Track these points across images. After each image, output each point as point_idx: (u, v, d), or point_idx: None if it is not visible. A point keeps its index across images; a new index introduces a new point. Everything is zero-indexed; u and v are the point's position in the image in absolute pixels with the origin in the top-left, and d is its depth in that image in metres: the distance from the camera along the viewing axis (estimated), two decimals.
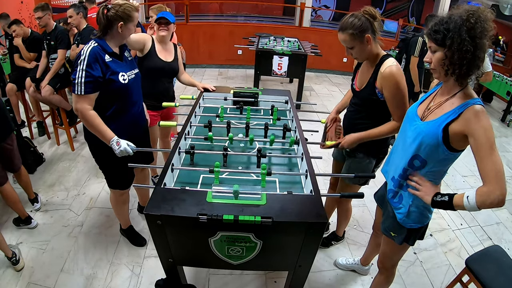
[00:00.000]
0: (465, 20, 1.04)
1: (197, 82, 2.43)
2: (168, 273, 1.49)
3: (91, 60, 1.52)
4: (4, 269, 1.98)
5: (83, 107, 1.56)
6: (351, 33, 1.49)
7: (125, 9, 1.58)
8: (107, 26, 1.59)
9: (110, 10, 1.56)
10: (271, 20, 8.67)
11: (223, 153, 1.64)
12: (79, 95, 1.53)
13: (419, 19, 9.83)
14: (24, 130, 3.56)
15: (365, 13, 1.49)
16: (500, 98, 5.55)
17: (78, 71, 1.51)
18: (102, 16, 1.57)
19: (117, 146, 1.60)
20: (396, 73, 1.48)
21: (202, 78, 5.86)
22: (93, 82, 1.54)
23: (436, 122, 1.16)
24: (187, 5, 5.97)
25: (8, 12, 3.53)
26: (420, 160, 1.23)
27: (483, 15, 1.05)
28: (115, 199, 2.04)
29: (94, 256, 2.13)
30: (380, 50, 1.58)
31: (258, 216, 1.18)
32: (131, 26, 1.64)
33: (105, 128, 1.61)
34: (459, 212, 2.82)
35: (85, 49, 1.54)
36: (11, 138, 2.11)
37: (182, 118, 2.20)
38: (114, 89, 1.64)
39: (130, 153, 1.64)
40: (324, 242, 2.31)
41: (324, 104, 4.92)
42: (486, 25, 1.05)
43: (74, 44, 3.20)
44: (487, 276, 1.60)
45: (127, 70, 1.70)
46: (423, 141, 1.19)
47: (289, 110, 2.34)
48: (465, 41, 1.04)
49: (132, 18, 1.62)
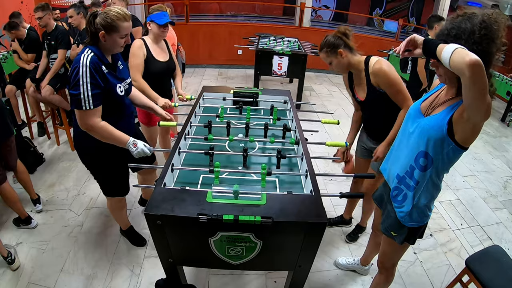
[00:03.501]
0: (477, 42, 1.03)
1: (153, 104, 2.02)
2: (168, 273, 1.49)
3: (93, 71, 1.43)
4: (4, 269, 1.98)
5: (94, 122, 1.47)
6: (326, 50, 1.74)
7: (110, 18, 1.44)
8: (94, 34, 1.48)
9: (96, 17, 1.46)
10: (271, 20, 8.67)
11: (242, 154, 1.62)
12: (87, 110, 1.44)
13: (419, 19, 9.83)
14: (24, 130, 3.55)
15: (338, 32, 1.74)
16: (500, 98, 5.54)
17: (82, 85, 1.41)
18: (90, 23, 1.46)
19: (134, 147, 1.56)
20: (382, 65, 1.64)
21: (202, 78, 5.86)
22: (100, 94, 1.47)
23: (441, 115, 1.15)
24: (187, 5, 5.97)
25: (8, 12, 3.53)
26: (425, 157, 1.22)
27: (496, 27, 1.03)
28: (113, 206, 2.03)
29: (94, 256, 2.13)
30: (360, 57, 1.76)
31: (258, 216, 1.18)
32: (116, 37, 1.49)
33: (119, 133, 1.55)
34: (459, 212, 2.83)
35: (83, 59, 1.42)
36: (10, 139, 2.11)
37: (182, 118, 2.20)
38: (111, 101, 1.57)
39: (148, 153, 1.60)
40: (352, 237, 2.39)
41: (324, 104, 4.92)
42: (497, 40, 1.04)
43: (74, 44, 3.21)
44: (487, 276, 1.60)
45: (121, 81, 1.64)
46: (430, 136, 1.17)
47: (289, 110, 2.34)
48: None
49: (116, 29, 1.46)
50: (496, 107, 5.72)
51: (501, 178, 3.44)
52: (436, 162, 1.21)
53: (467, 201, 3.00)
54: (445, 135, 1.14)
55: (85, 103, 1.42)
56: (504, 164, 3.73)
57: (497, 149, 4.09)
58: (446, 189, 3.11)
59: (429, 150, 1.20)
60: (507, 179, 3.43)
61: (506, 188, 3.27)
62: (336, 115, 4.48)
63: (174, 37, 2.89)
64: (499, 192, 3.20)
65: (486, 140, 4.29)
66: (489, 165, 3.67)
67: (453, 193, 3.09)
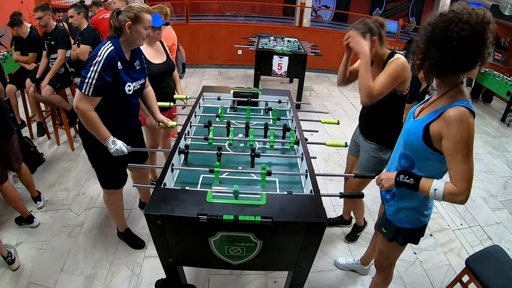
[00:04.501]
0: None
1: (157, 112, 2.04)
2: (168, 273, 1.49)
3: (106, 65, 1.52)
4: (4, 269, 1.98)
5: (86, 108, 1.54)
6: (361, 32, 1.65)
7: (135, 9, 1.59)
8: (118, 28, 1.60)
9: (121, 13, 1.58)
10: (271, 20, 8.68)
11: (217, 153, 1.64)
12: (85, 94, 1.52)
13: (419, 19, 9.84)
14: (24, 130, 3.55)
15: (377, 20, 1.71)
16: (500, 98, 5.55)
17: (91, 71, 1.50)
18: (114, 18, 1.59)
19: (112, 145, 1.62)
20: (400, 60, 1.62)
21: (202, 78, 5.86)
22: (103, 87, 1.54)
23: (421, 120, 1.18)
24: (187, 5, 5.97)
25: (8, 12, 3.53)
26: (407, 159, 1.23)
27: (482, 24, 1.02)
28: (109, 199, 2.04)
29: (94, 256, 2.13)
30: (386, 50, 1.73)
31: (258, 216, 1.18)
32: (141, 28, 1.62)
33: (103, 128, 1.61)
34: (459, 212, 2.83)
35: (102, 50, 1.53)
36: (12, 139, 2.11)
37: (182, 118, 2.20)
38: (117, 97, 1.66)
39: (125, 152, 1.66)
40: (351, 237, 2.39)
41: (324, 104, 4.92)
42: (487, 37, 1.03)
43: (75, 44, 3.20)
44: (487, 276, 1.60)
45: (133, 80, 1.72)
46: (406, 139, 1.23)
47: (289, 110, 2.33)
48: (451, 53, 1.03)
49: (141, 19, 1.60)
50: (496, 107, 5.73)
51: (501, 178, 3.45)
52: (419, 164, 1.21)
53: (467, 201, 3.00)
54: (420, 140, 1.15)
55: (86, 87, 1.51)
56: (504, 164, 3.73)
57: (497, 149, 4.09)
58: None
59: (408, 152, 1.22)
60: (507, 179, 3.43)
61: (506, 188, 3.27)
62: (336, 115, 4.48)
63: (174, 37, 2.88)
64: (499, 192, 3.20)
65: (486, 140, 4.29)
66: (489, 165, 3.67)
67: None
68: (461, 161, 1.08)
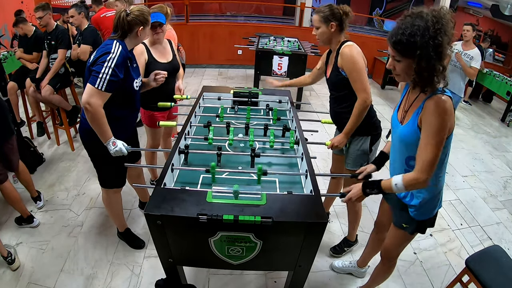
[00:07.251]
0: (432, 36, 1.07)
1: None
2: (168, 273, 1.49)
3: (120, 61, 1.54)
4: (4, 269, 1.98)
5: (97, 103, 1.53)
6: (322, 15, 1.76)
7: (144, 13, 1.63)
8: (128, 30, 1.62)
9: (129, 15, 1.60)
10: (271, 20, 8.68)
11: (217, 153, 1.64)
12: (98, 89, 1.51)
13: None
14: (24, 130, 3.55)
15: (342, 8, 1.78)
16: (500, 98, 5.55)
17: (106, 67, 1.51)
18: (123, 20, 1.60)
19: (113, 146, 1.62)
20: (351, 49, 1.70)
21: (202, 78, 5.86)
22: (116, 83, 1.55)
23: (411, 121, 1.24)
24: (187, 5, 5.97)
25: (8, 12, 3.53)
26: (414, 159, 1.25)
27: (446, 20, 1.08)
28: (108, 199, 2.04)
29: (94, 256, 2.13)
30: (342, 39, 1.80)
31: (258, 216, 1.18)
32: (147, 29, 1.69)
33: (107, 127, 1.60)
34: (459, 212, 2.83)
35: (115, 47, 1.55)
36: (12, 138, 2.12)
37: (182, 118, 2.20)
38: (127, 93, 1.68)
39: (124, 153, 1.66)
40: (337, 250, 2.25)
41: (324, 104, 4.92)
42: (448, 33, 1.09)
43: (75, 44, 3.20)
44: (487, 276, 1.60)
45: (137, 77, 1.76)
46: (408, 142, 1.27)
47: (289, 110, 2.34)
48: (432, 58, 1.09)
49: (149, 22, 1.68)
50: (496, 107, 5.73)
51: (501, 178, 3.44)
52: None
53: (467, 201, 3.00)
54: (420, 137, 1.20)
55: (100, 82, 1.51)
56: (504, 164, 3.73)
57: (497, 149, 4.09)
58: (446, 189, 3.11)
59: (413, 154, 1.25)
60: (507, 179, 3.43)
61: (506, 188, 3.27)
62: None
63: (175, 37, 2.88)
64: (499, 192, 3.20)
65: (486, 140, 4.29)
66: (489, 165, 3.67)
67: (453, 193, 3.09)
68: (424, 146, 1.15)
